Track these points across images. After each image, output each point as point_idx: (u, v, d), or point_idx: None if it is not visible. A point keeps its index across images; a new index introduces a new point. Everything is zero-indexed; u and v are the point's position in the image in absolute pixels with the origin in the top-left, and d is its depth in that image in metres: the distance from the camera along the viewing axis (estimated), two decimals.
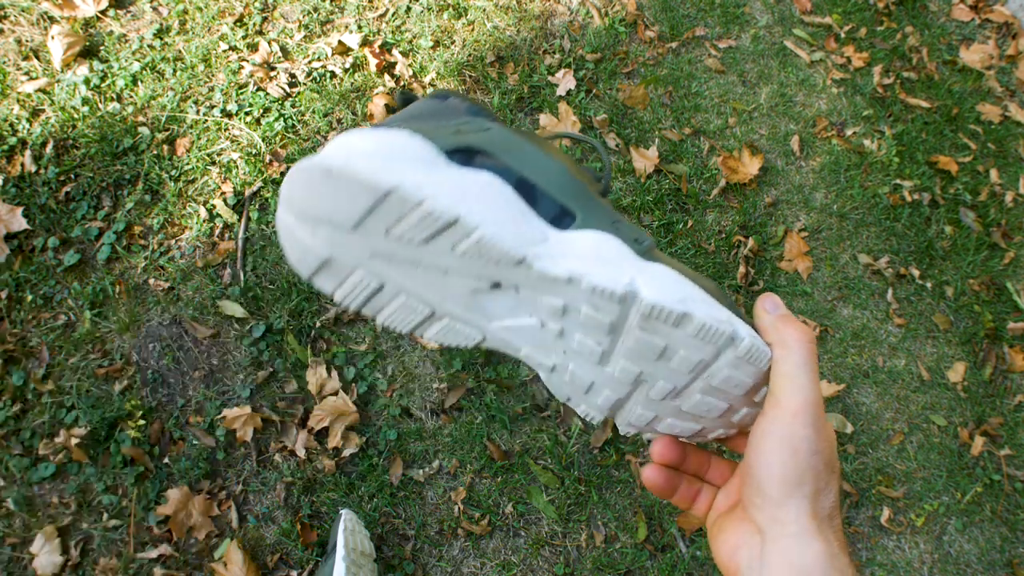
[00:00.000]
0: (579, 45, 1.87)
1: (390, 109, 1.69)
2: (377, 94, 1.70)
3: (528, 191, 0.43)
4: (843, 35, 2.02)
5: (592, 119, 1.76)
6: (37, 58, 1.63)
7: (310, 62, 1.73)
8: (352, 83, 1.71)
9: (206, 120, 1.62)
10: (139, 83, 1.63)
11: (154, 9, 1.73)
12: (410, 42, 1.79)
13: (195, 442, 1.37)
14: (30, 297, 1.43)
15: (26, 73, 1.61)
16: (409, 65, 1.76)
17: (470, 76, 1.78)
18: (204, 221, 1.53)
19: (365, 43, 1.75)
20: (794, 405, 0.41)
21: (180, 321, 1.46)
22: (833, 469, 0.42)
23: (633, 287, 0.39)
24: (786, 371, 0.42)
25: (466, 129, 0.45)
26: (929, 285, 1.73)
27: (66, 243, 1.48)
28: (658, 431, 0.48)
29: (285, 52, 1.74)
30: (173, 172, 1.56)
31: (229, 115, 1.64)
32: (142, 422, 1.37)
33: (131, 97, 1.62)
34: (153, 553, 1.29)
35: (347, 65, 1.72)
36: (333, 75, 1.72)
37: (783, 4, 2.04)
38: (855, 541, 1.49)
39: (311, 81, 1.70)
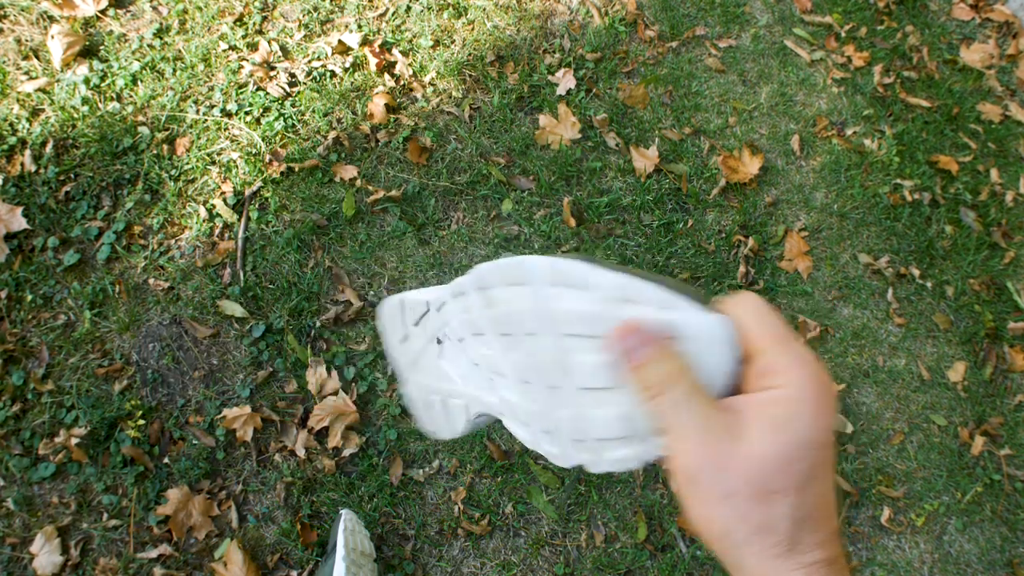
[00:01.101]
0: (579, 44, 1.87)
1: (389, 109, 1.69)
2: (377, 93, 1.70)
3: None
4: (843, 34, 2.02)
5: (592, 118, 1.76)
6: (37, 58, 1.63)
7: (310, 61, 1.72)
8: (352, 82, 1.71)
9: (206, 120, 1.62)
10: (139, 83, 1.63)
11: (154, 9, 1.73)
12: (410, 41, 1.79)
13: (195, 442, 1.37)
14: (30, 297, 1.43)
15: (26, 73, 1.61)
16: (409, 64, 1.76)
17: (470, 75, 1.77)
18: (204, 221, 1.53)
19: (365, 42, 1.75)
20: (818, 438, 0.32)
21: (180, 321, 1.46)
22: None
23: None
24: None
25: None
26: (929, 285, 1.73)
27: (66, 243, 1.48)
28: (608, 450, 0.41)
29: (285, 51, 1.74)
30: (173, 172, 1.56)
31: (229, 115, 1.64)
32: (142, 422, 1.37)
33: (131, 97, 1.62)
34: (153, 553, 1.29)
35: (347, 64, 1.72)
36: (333, 74, 1.71)
37: (783, 3, 2.04)
38: (855, 541, 1.49)
39: (311, 80, 1.70)
